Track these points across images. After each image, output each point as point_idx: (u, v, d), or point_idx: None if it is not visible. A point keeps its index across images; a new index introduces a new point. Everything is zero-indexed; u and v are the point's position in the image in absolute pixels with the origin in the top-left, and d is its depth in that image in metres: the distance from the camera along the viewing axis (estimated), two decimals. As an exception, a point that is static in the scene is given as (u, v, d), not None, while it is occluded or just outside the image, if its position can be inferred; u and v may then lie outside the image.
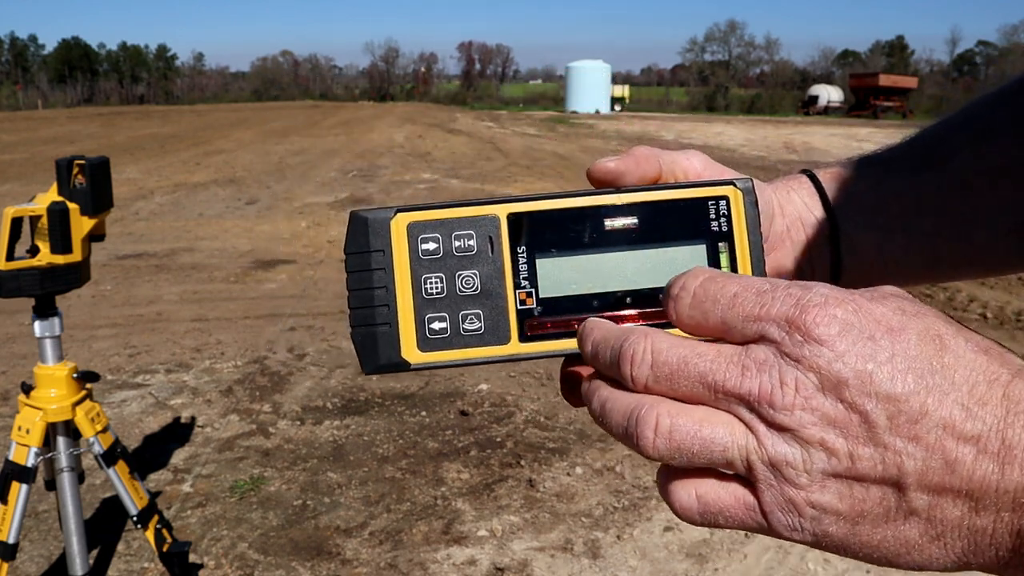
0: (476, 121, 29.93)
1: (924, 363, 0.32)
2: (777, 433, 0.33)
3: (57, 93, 62.74)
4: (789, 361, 0.32)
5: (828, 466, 0.32)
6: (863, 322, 0.32)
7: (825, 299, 0.33)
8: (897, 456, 0.31)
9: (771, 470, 0.33)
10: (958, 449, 0.31)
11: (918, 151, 0.55)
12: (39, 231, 1.88)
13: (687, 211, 0.45)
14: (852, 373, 0.31)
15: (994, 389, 0.31)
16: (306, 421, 3.60)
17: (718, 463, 0.34)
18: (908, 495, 0.31)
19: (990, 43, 77.65)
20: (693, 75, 75.88)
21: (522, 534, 2.74)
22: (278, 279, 6.10)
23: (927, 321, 0.33)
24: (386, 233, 0.44)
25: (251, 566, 2.55)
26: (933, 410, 0.31)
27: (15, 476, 1.94)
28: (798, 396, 0.32)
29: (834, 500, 0.32)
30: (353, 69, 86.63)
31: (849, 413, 0.31)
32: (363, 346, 0.43)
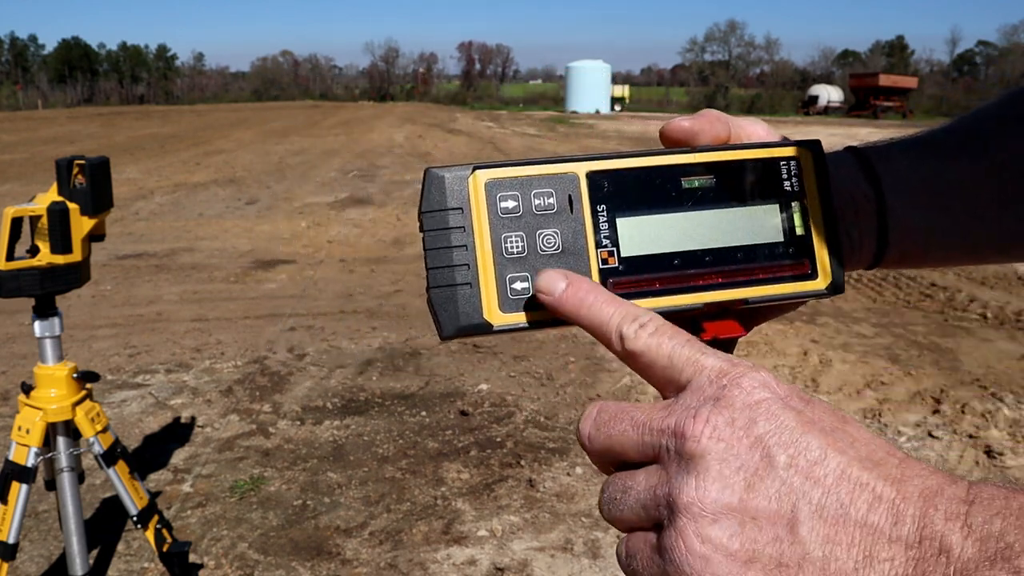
0: (476, 121, 29.93)
1: (829, 425, 0.34)
2: (684, 466, 0.34)
3: (57, 93, 62.73)
4: (708, 400, 0.34)
5: (722, 496, 0.32)
6: (780, 386, 0.35)
7: (754, 365, 0.35)
8: (793, 493, 0.32)
9: (670, 504, 0.34)
10: (854, 493, 0.31)
11: (958, 135, 0.55)
12: (39, 231, 1.88)
13: (760, 171, 0.46)
14: (762, 415, 0.33)
15: (890, 459, 0.32)
16: (306, 421, 3.60)
17: (637, 512, 0.36)
18: (801, 535, 0.31)
19: (990, 43, 77.68)
20: (693, 75, 75.87)
21: (522, 534, 2.74)
22: (278, 279, 6.10)
23: (835, 408, 0.36)
24: (464, 191, 0.42)
25: (251, 566, 2.55)
26: (832, 457, 0.32)
27: (15, 476, 1.94)
28: (707, 426, 0.33)
29: (724, 535, 0.32)
30: (353, 69, 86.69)
31: (752, 449, 0.33)
32: (443, 307, 0.42)
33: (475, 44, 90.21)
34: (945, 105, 50.52)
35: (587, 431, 0.38)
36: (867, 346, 4.67)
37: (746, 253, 0.45)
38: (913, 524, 0.30)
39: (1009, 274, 6.37)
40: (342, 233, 7.89)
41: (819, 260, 0.47)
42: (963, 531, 0.29)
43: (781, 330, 4.82)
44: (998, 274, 6.37)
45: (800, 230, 0.46)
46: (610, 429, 0.37)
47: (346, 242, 7.47)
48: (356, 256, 6.89)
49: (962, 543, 0.29)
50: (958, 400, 3.88)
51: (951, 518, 0.29)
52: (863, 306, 5.55)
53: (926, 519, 0.30)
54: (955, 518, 0.29)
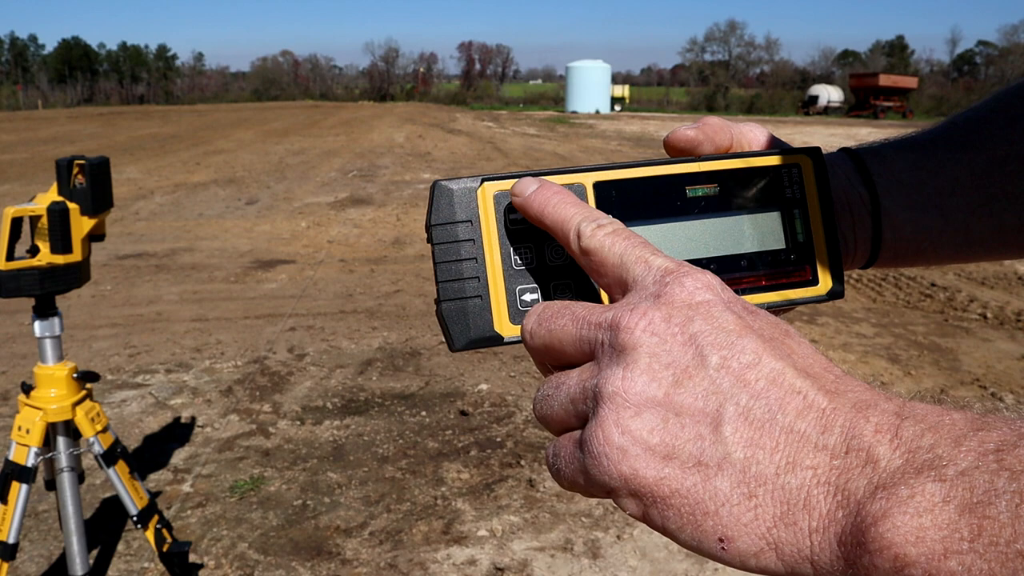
0: (476, 121, 29.93)
1: (768, 333, 0.33)
2: (615, 358, 0.33)
3: (57, 93, 62.73)
4: (649, 296, 0.34)
5: (648, 389, 0.32)
6: (725, 290, 0.35)
7: (699, 270, 0.35)
8: (721, 393, 0.31)
9: (596, 395, 0.33)
10: (784, 398, 0.31)
11: (953, 134, 0.56)
12: (39, 231, 1.88)
13: (762, 179, 0.46)
14: (700, 315, 0.33)
15: (827, 374, 0.32)
16: (306, 421, 3.60)
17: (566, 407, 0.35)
18: (724, 434, 0.30)
19: (990, 43, 77.67)
20: (693, 75, 75.89)
21: (522, 534, 2.74)
22: (278, 279, 6.10)
23: (780, 320, 0.35)
24: (473, 203, 0.43)
25: (251, 566, 2.55)
26: (767, 363, 0.32)
27: (15, 476, 1.94)
28: (643, 319, 0.33)
29: (645, 428, 0.31)
30: (353, 69, 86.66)
31: (685, 346, 0.32)
32: (454, 320, 0.42)
33: (475, 44, 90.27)
34: (945, 105, 50.49)
35: (530, 327, 0.38)
36: (867, 346, 4.67)
37: (750, 261, 0.46)
38: (841, 434, 0.29)
39: (1009, 274, 6.37)
40: (342, 233, 7.89)
41: (819, 266, 0.47)
42: (892, 443, 0.28)
43: (781, 330, 4.82)
44: (998, 274, 6.37)
45: (801, 236, 0.47)
46: (551, 324, 0.37)
47: (346, 242, 7.47)
48: (356, 256, 6.89)
49: (890, 454, 0.28)
50: (958, 400, 3.87)
51: (881, 430, 0.29)
52: (863, 306, 5.55)
53: (855, 430, 0.29)
54: (885, 430, 0.29)
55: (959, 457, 0.27)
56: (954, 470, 0.26)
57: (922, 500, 0.26)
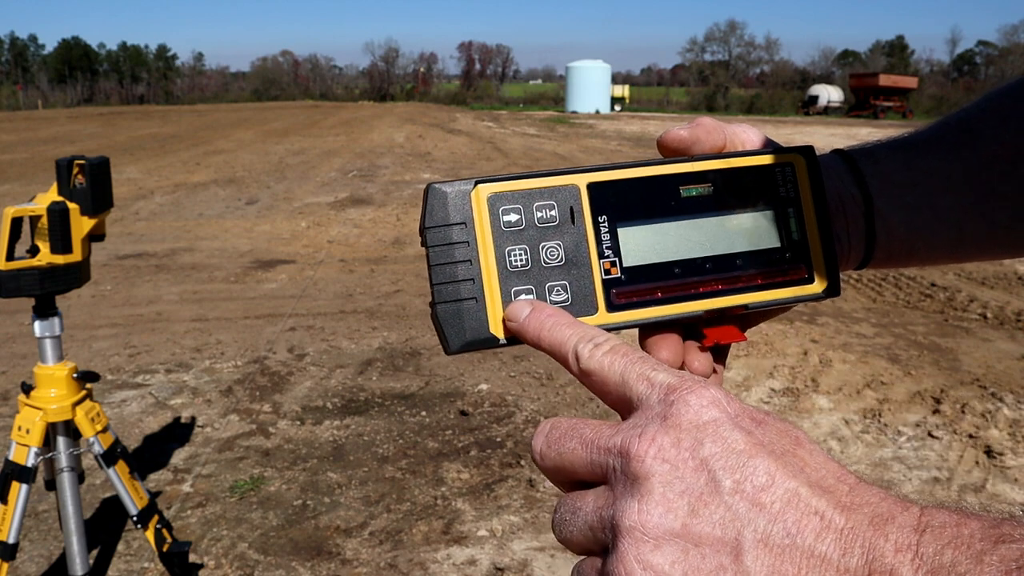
0: (476, 121, 29.93)
1: (779, 448, 0.33)
2: (628, 488, 0.33)
3: (57, 93, 62.72)
4: (656, 420, 0.34)
5: (665, 521, 0.31)
6: (731, 403, 0.34)
7: (705, 382, 0.35)
8: (738, 519, 0.31)
9: (614, 528, 0.33)
10: (801, 520, 0.30)
11: (946, 134, 0.56)
12: (39, 231, 1.88)
13: (756, 178, 0.46)
14: (709, 436, 0.33)
15: (841, 485, 0.32)
16: (306, 421, 3.60)
17: (585, 534, 0.35)
18: (745, 563, 0.30)
19: (990, 43, 77.66)
20: (693, 75, 75.87)
21: (522, 534, 2.74)
22: (278, 279, 6.10)
23: (788, 425, 0.35)
24: (467, 205, 0.42)
25: (251, 566, 2.55)
26: (780, 483, 0.31)
27: (15, 476, 1.94)
28: (652, 445, 0.33)
29: (666, 562, 0.31)
30: (353, 69, 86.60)
31: (697, 471, 0.32)
32: (449, 323, 0.42)
33: (475, 44, 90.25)
34: (945, 105, 50.46)
35: (539, 448, 0.38)
36: (867, 346, 4.67)
37: (745, 260, 0.46)
38: (862, 555, 0.29)
39: (1009, 274, 6.37)
40: (342, 233, 7.89)
41: (815, 264, 0.47)
42: (913, 563, 0.28)
43: (781, 330, 4.82)
44: (998, 274, 6.37)
45: (796, 235, 0.47)
46: (560, 447, 0.37)
47: (346, 242, 7.47)
48: (356, 256, 6.89)
49: (912, 574, 0.28)
50: (958, 400, 3.88)
51: (901, 549, 0.29)
52: (863, 306, 5.55)
53: (875, 550, 0.29)
54: (905, 549, 0.29)
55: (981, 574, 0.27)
56: None
57: None
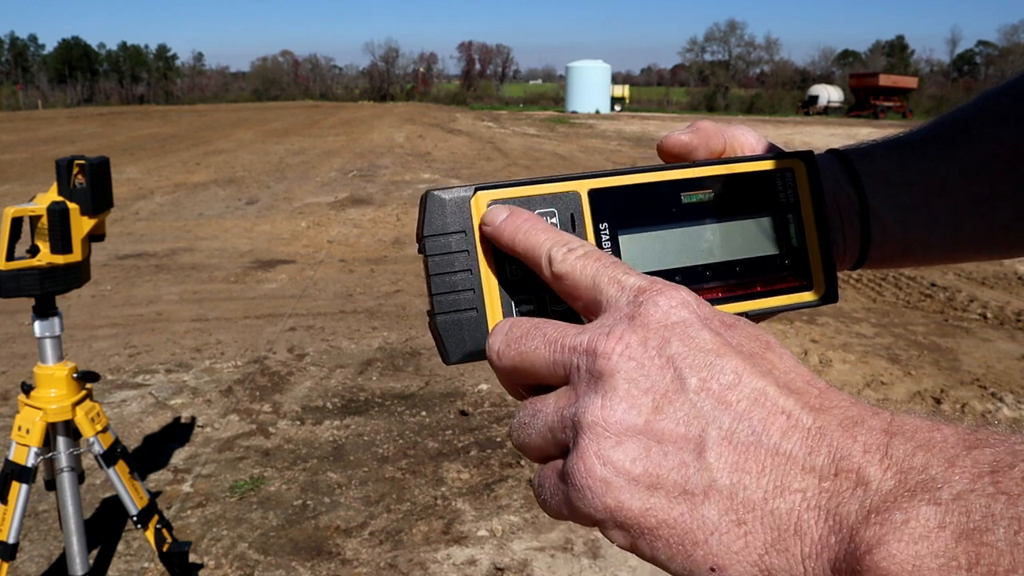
0: (476, 121, 29.93)
1: (747, 349, 0.32)
2: (592, 385, 0.32)
3: (57, 93, 62.73)
4: (623, 318, 0.33)
5: (628, 417, 0.31)
6: (700, 306, 0.34)
7: (674, 286, 0.34)
8: (702, 417, 0.30)
9: (575, 425, 0.32)
10: (768, 419, 0.30)
11: (942, 134, 0.56)
12: (39, 231, 1.88)
13: (756, 184, 0.46)
14: (677, 336, 0.32)
15: (810, 388, 0.31)
16: (306, 421, 3.60)
17: (544, 436, 0.34)
18: (708, 460, 0.29)
19: (990, 43, 77.67)
20: (693, 75, 75.88)
21: (522, 534, 2.74)
22: (278, 279, 6.10)
23: (759, 330, 0.34)
24: (466, 213, 0.42)
25: (251, 566, 2.55)
26: (748, 382, 0.31)
27: (15, 476, 1.94)
28: (620, 343, 0.32)
29: (627, 458, 0.30)
30: (353, 69, 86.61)
31: (663, 369, 0.31)
32: (448, 333, 0.41)
33: (475, 44, 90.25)
34: (945, 105, 50.44)
35: (497, 346, 0.37)
36: (867, 346, 4.67)
37: (744, 267, 0.46)
38: (828, 454, 0.28)
39: (1009, 274, 6.37)
40: (342, 233, 7.89)
41: (814, 271, 0.47)
42: (882, 463, 0.27)
43: (781, 330, 4.82)
44: (998, 274, 6.37)
45: (795, 241, 0.47)
46: (521, 345, 0.36)
47: (346, 242, 7.47)
48: (356, 256, 6.89)
49: (881, 475, 0.27)
50: (958, 400, 3.88)
51: (870, 450, 0.28)
52: (863, 306, 5.55)
53: (843, 450, 0.28)
54: (874, 450, 0.28)
55: (953, 478, 0.26)
56: (949, 493, 0.25)
57: (917, 526, 0.25)
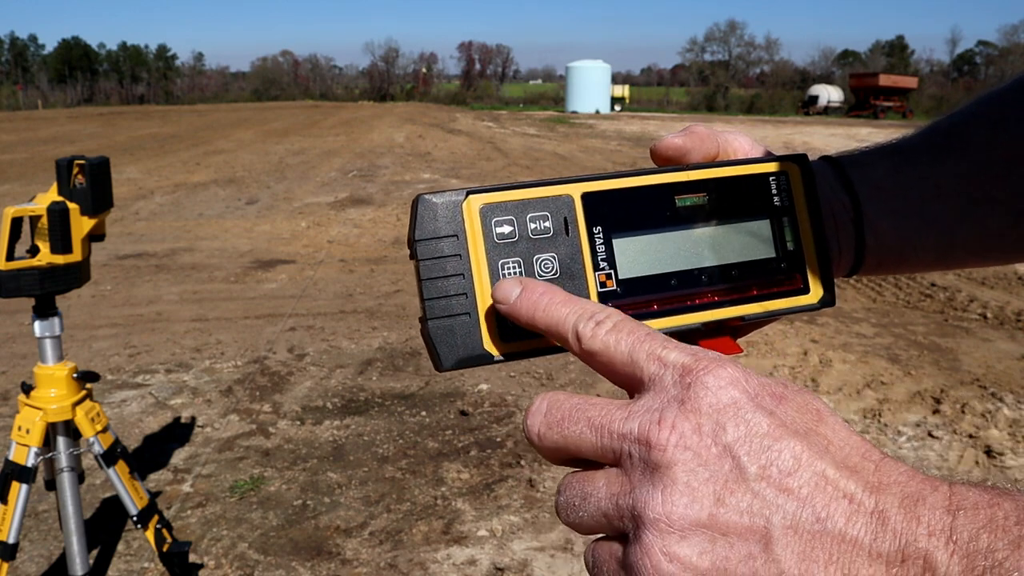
0: (476, 121, 29.92)
1: (801, 426, 0.32)
2: (649, 476, 0.32)
3: (57, 93, 62.72)
4: (673, 404, 0.32)
5: (690, 512, 0.30)
6: (749, 381, 0.33)
7: (720, 359, 0.33)
8: (766, 506, 0.30)
9: (635, 518, 0.32)
10: (831, 504, 0.30)
11: (937, 139, 0.56)
12: (39, 231, 1.88)
13: (750, 187, 0.46)
14: (731, 420, 0.31)
15: (867, 462, 0.31)
16: (306, 421, 3.60)
17: (599, 521, 0.34)
18: (775, 551, 0.29)
19: (990, 43, 77.65)
20: (693, 75, 75.88)
21: (522, 534, 2.74)
22: (278, 279, 6.10)
23: (808, 398, 0.33)
24: (458, 217, 0.41)
25: (251, 566, 2.55)
26: (807, 465, 0.30)
27: (15, 476, 1.94)
28: (673, 434, 0.31)
29: (694, 553, 0.30)
30: (353, 69, 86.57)
31: (721, 458, 0.31)
32: (441, 339, 0.41)
33: (475, 44, 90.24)
34: (945, 105, 50.44)
35: (536, 429, 0.36)
36: (867, 346, 4.67)
37: (740, 270, 0.45)
38: (894, 539, 0.28)
39: (1009, 274, 6.37)
40: (342, 233, 7.89)
41: (810, 274, 0.47)
42: (948, 548, 0.28)
43: (781, 330, 4.82)
44: (998, 274, 6.37)
45: (791, 245, 0.47)
46: (564, 429, 0.35)
47: (346, 242, 7.47)
48: (356, 256, 6.89)
49: (947, 560, 0.27)
50: (958, 400, 3.88)
51: (935, 532, 0.28)
52: (863, 306, 5.55)
53: (908, 534, 0.28)
54: (939, 533, 0.28)
55: (1021, 564, 0.26)
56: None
57: None
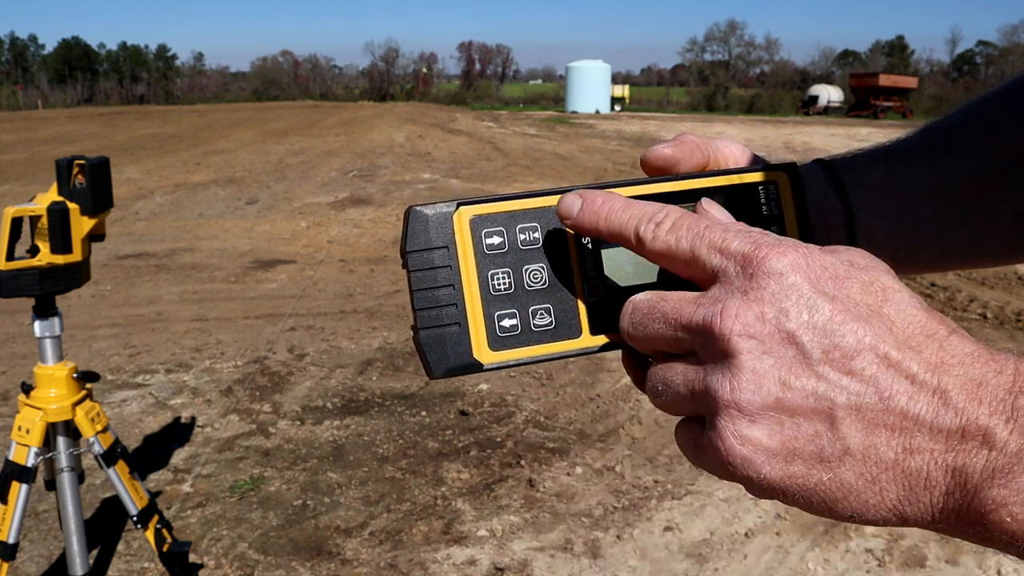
0: (476, 121, 29.92)
1: (864, 307, 0.33)
2: (717, 364, 0.33)
3: (57, 93, 62.71)
4: (736, 294, 0.34)
5: (758, 396, 0.32)
6: (811, 265, 0.34)
7: (779, 242, 0.34)
8: (830, 388, 0.31)
9: (708, 404, 0.34)
10: (893, 385, 0.31)
11: (931, 142, 0.56)
12: (39, 231, 1.88)
13: (739, 197, 0.46)
14: (793, 306, 0.33)
15: (931, 342, 0.32)
16: (306, 421, 3.60)
17: (680, 405, 0.36)
18: (840, 430, 0.31)
19: (990, 43, 77.65)
20: (693, 75, 75.88)
21: (522, 534, 2.74)
22: (278, 279, 6.10)
23: (874, 275, 0.34)
24: (449, 228, 0.42)
25: (251, 566, 2.55)
26: (869, 347, 0.32)
27: (15, 476, 1.94)
28: (736, 323, 0.33)
29: (763, 435, 0.32)
30: (353, 69, 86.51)
31: (785, 344, 0.32)
32: (431, 349, 0.42)
33: (475, 44, 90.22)
34: (945, 105, 50.44)
35: (626, 328, 0.39)
36: (867, 346, 4.67)
37: None
38: (956, 416, 0.30)
39: (1009, 274, 6.37)
40: (342, 233, 7.89)
41: None
42: (1008, 425, 0.29)
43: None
44: (998, 274, 6.37)
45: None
46: (645, 329, 0.37)
47: (346, 242, 7.47)
48: (356, 256, 6.89)
49: (1007, 437, 0.29)
50: None
51: (996, 411, 0.29)
52: (863, 306, 5.55)
53: (969, 412, 0.30)
54: (999, 412, 0.29)
55: None
56: None
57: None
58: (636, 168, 10.64)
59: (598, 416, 3.67)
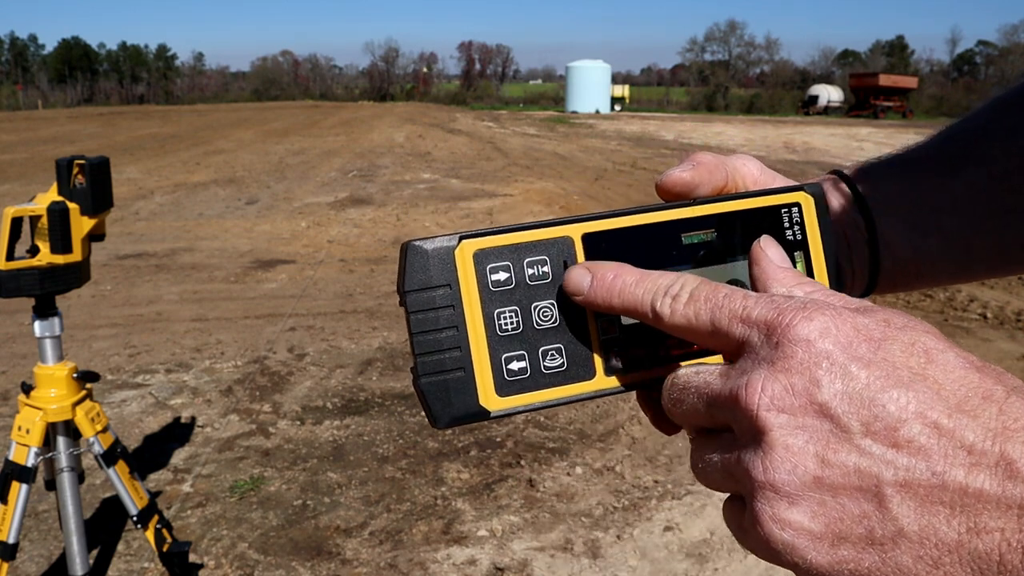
0: (476, 121, 29.92)
1: (906, 371, 0.29)
2: (749, 444, 0.31)
3: (57, 93, 62.73)
4: (763, 365, 0.31)
5: (795, 476, 0.29)
6: (841, 328, 0.31)
7: (805, 305, 0.32)
8: (874, 463, 0.28)
9: (744, 483, 0.31)
10: (947, 456, 0.27)
11: (950, 150, 0.54)
12: (39, 231, 1.88)
13: (761, 221, 0.43)
14: (825, 375, 0.30)
15: (988, 405, 0.28)
16: (306, 421, 3.60)
17: (722, 484, 0.34)
18: (891, 509, 0.28)
19: (990, 43, 77.62)
20: (693, 75, 75.89)
21: (522, 534, 2.74)
22: (278, 279, 6.10)
23: (914, 335, 0.31)
24: (451, 265, 0.39)
25: (251, 566, 2.55)
26: (915, 415, 0.28)
27: (15, 476, 1.94)
28: (763, 396, 0.30)
29: (805, 518, 0.29)
30: (353, 69, 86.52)
31: (818, 417, 0.29)
32: (435, 397, 0.38)
33: (475, 44, 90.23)
34: (945, 105, 50.50)
35: (666, 405, 0.37)
36: (867, 346, 4.67)
37: None
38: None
39: (1009, 274, 6.37)
40: (342, 233, 7.89)
41: None
42: None
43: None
44: (998, 274, 6.37)
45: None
46: (682, 404, 0.35)
47: (346, 242, 7.47)
48: (356, 256, 6.89)
49: None
50: None
51: None
52: (863, 306, 5.55)
53: None
54: None
55: None
56: None
57: None
58: (636, 168, 10.67)
59: (598, 416, 3.67)
